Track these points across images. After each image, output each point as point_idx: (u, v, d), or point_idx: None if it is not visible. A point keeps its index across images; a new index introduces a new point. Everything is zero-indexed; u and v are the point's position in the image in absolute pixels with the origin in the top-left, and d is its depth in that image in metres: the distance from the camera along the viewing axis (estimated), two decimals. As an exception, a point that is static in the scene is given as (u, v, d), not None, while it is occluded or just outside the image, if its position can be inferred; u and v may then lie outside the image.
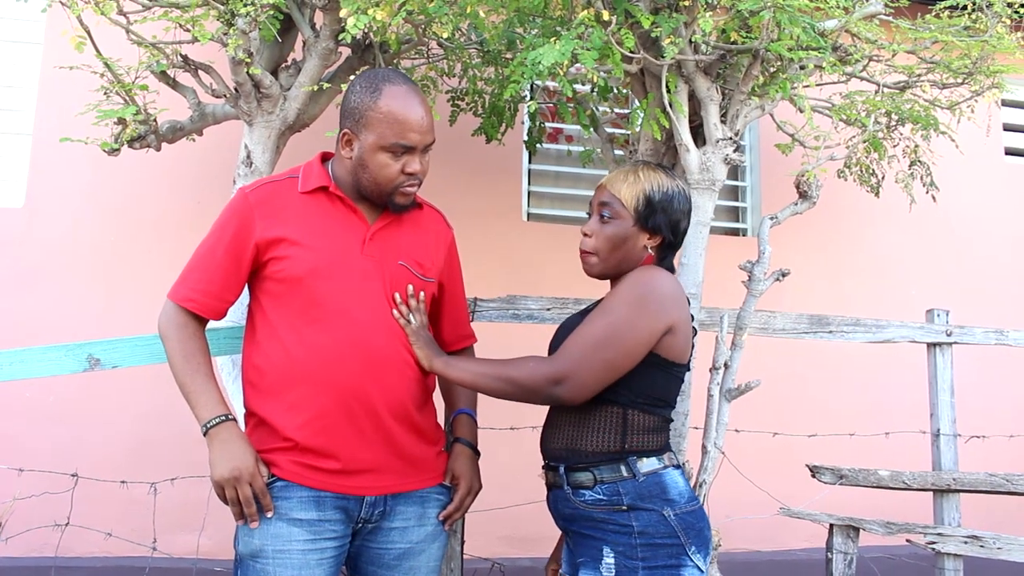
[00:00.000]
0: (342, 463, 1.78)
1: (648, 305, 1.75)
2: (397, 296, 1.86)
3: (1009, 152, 4.93)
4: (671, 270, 1.93)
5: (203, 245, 1.88)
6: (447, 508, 1.93)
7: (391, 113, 1.77)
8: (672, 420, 1.89)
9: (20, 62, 3.89)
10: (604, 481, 1.76)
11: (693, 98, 2.60)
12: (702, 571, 1.74)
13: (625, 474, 1.75)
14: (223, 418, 1.77)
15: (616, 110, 3.52)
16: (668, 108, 2.51)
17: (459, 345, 2.09)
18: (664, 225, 1.87)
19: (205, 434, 1.77)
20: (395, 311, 1.85)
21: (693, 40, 2.46)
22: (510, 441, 2.89)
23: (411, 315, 1.88)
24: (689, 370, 1.91)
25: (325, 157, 1.96)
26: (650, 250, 1.89)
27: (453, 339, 2.07)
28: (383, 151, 1.79)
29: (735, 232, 4.60)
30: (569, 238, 4.11)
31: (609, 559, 1.72)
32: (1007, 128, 4.89)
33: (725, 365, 2.46)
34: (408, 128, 1.78)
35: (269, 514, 1.75)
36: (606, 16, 2.25)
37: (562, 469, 1.81)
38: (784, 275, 2.49)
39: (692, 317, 1.88)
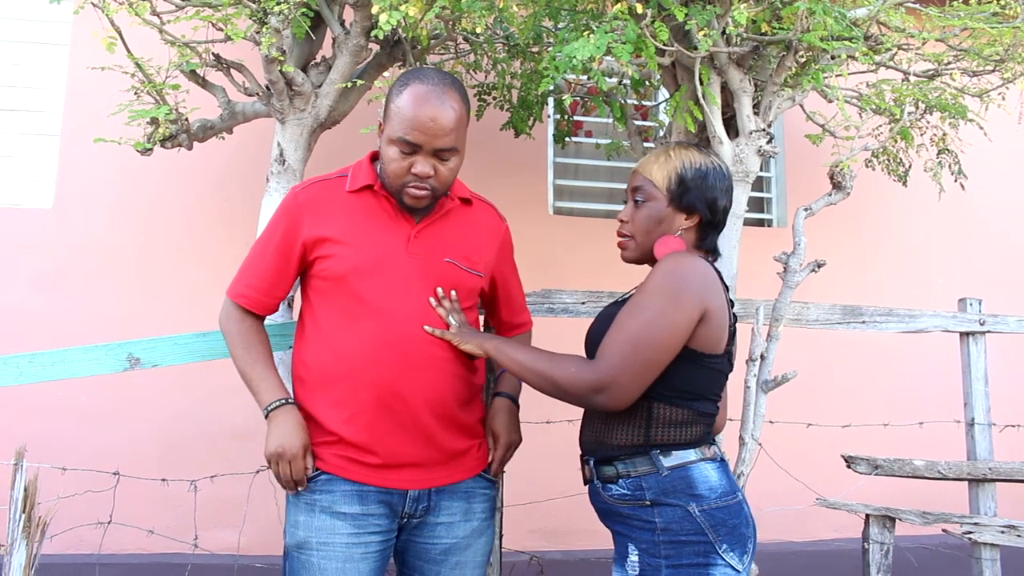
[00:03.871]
0: (382, 458, 1.80)
1: (681, 295, 1.68)
2: (432, 301, 1.87)
3: (1034, 139, 4.88)
4: (714, 252, 1.88)
5: (257, 243, 1.95)
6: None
7: (403, 107, 1.78)
8: (714, 412, 1.82)
9: (47, 64, 3.91)
10: (627, 475, 1.72)
11: (725, 90, 2.59)
12: (737, 571, 1.65)
13: (648, 468, 1.71)
14: (283, 401, 1.84)
15: (640, 102, 3.50)
16: (701, 100, 2.51)
17: (515, 332, 2.14)
18: (699, 203, 1.82)
19: (266, 417, 1.83)
20: (434, 329, 1.85)
21: (726, 32, 2.45)
22: (541, 434, 2.90)
23: (449, 316, 1.87)
24: (729, 360, 1.83)
25: (375, 157, 1.96)
26: (684, 232, 1.84)
27: (510, 326, 2.13)
28: (392, 144, 1.80)
29: (760, 223, 4.58)
30: (595, 231, 4.12)
31: (634, 556, 1.68)
32: (1031, 114, 4.84)
33: (761, 357, 2.45)
34: (413, 125, 1.76)
35: (300, 488, 1.81)
36: (639, 9, 2.24)
37: (592, 462, 1.80)
38: (820, 266, 2.48)
39: (731, 303, 1.82)
